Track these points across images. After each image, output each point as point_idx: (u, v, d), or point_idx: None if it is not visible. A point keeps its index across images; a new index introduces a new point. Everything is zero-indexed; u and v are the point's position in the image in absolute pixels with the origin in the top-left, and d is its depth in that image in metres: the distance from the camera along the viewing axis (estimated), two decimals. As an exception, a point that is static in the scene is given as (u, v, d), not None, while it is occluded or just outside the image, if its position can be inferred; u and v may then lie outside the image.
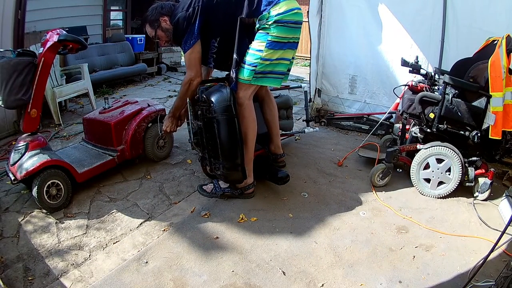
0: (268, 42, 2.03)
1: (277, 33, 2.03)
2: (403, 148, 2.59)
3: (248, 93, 2.18)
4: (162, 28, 2.22)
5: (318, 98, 4.15)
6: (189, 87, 2.18)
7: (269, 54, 2.05)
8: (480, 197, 2.41)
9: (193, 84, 2.17)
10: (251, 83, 2.13)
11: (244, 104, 2.17)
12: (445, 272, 1.76)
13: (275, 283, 1.68)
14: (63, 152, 2.62)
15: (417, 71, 2.71)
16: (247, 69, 2.09)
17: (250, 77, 2.10)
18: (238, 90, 2.15)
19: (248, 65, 2.09)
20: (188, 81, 2.17)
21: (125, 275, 1.70)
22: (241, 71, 2.13)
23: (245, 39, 2.13)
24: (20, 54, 2.10)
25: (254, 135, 2.27)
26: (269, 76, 2.14)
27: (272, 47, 2.04)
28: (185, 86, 2.19)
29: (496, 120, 2.15)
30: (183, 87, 2.22)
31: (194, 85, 2.18)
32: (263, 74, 2.11)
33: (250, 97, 2.20)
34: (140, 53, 6.52)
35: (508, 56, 2.15)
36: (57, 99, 3.80)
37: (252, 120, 2.23)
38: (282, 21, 2.01)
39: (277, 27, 2.02)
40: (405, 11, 3.38)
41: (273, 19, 2.00)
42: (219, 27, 2.14)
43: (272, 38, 2.03)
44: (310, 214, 2.23)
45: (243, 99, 2.16)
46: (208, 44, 2.17)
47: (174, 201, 2.35)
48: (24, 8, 3.40)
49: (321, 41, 3.97)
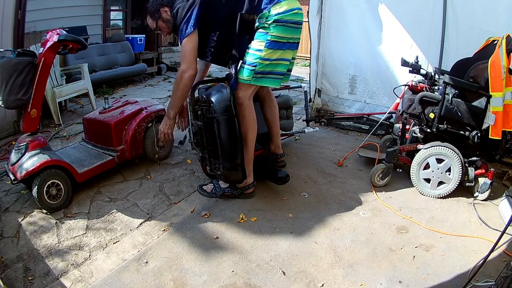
0: (267, 41, 2.03)
1: (276, 33, 2.02)
2: (403, 148, 2.59)
3: (248, 93, 2.18)
4: (163, 19, 2.20)
5: (318, 98, 4.15)
6: (181, 81, 2.08)
7: (268, 53, 2.05)
8: (480, 197, 2.41)
9: (185, 77, 2.07)
10: (251, 83, 2.12)
11: (244, 104, 2.16)
12: (445, 272, 1.76)
13: (275, 283, 1.68)
14: (63, 152, 2.62)
15: (417, 71, 2.71)
16: (247, 69, 2.09)
17: (250, 77, 2.09)
18: (238, 90, 2.15)
19: (248, 65, 2.09)
20: (180, 74, 2.08)
21: (125, 275, 1.70)
22: (241, 71, 2.13)
23: (245, 36, 2.12)
24: (20, 54, 2.10)
25: (254, 135, 2.27)
26: (269, 77, 2.14)
27: (271, 46, 2.04)
28: (177, 80, 2.11)
29: (496, 120, 2.15)
30: (175, 82, 2.14)
31: (186, 78, 2.07)
32: (262, 74, 2.11)
33: (250, 97, 2.20)
34: (140, 53, 6.52)
35: (508, 56, 2.15)
36: (57, 99, 3.80)
37: (252, 120, 2.23)
38: (282, 21, 2.01)
39: (276, 27, 2.01)
40: (405, 11, 3.38)
41: (273, 19, 2.00)
42: (219, 21, 2.12)
43: (271, 38, 2.03)
44: (310, 214, 2.23)
45: (243, 99, 2.16)
46: (207, 38, 2.14)
47: (174, 201, 2.35)
48: (24, 8, 3.40)
49: (321, 41, 3.97)
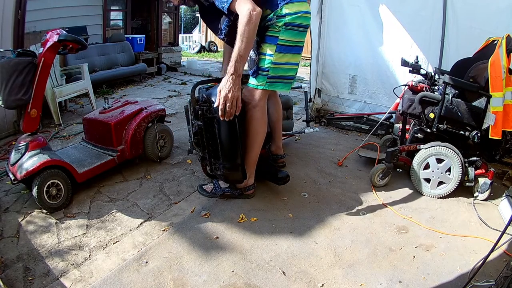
0: (278, 46, 2.02)
1: (286, 37, 2.01)
2: (403, 148, 2.59)
3: (263, 95, 2.13)
4: None
5: (318, 98, 4.15)
6: (251, 20, 1.78)
7: (278, 57, 2.04)
8: (480, 197, 2.41)
9: (254, 14, 1.78)
10: (265, 88, 2.09)
11: (259, 106, 2.12)
12: (445, 272, 1.76)
13: (275, 283, 1.68)
14: (63, 152, 2.62)
15: (417, 71, 2.71)
16: (260, 74, 2.07)
17: (264, 82, 2.07)
18: (252, 94, 2.11)
19: (261, 70, 2.07)
20: (248, 13, 1.77)
21: (125, 275, 1.70)
22: (253, 78, 2.10)
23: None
24: (20, 54, 2.10)
25: (263, 138, 2.23)
26: (281, 81, 2.12)
27: (281, 50, 2.03)
28: (246, 21, 1.78)
29: (496, 120, 2.15)
30: (243, 24, 1.79)
31: (255, 15, 1.79)
32: (276, 79, 2.09)
33: (264, 99, 2.16)
34: (140, 53, 6.54)
35: (508, 56, 2.15)
36: (57, 99, 3.80)
37: (264, 122, 2.19)
38: (292, 25, 1.99)
39: (286, 31, 2.00)
40: (405, 11, 3.38)
41: (283, 21, 1.98)
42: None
43: (281, 42, 2.02)
44: (310, 214, 2.23)
45: (258, 100, 2.11)
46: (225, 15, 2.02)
47: (174, 201, 2.35)
48: (24, 8, 3.40)
49: (321, 41, 3.98)
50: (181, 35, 12.73)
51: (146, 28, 7.36)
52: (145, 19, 7.37)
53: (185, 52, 12.42)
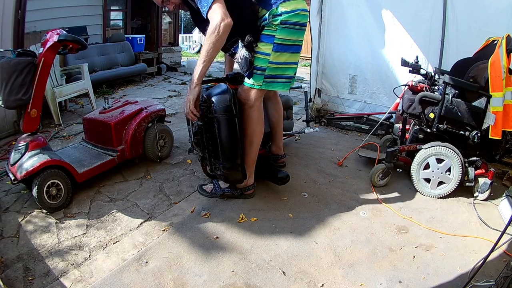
0: (274, 45, 2.02)
1: (283, 36, 2.01)
2: (403, 148, 2.59)
3: (258, 96, 2.14)
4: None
5: (318, 98, 4.15)
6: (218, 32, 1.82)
7: (276, 57, 2.04)
8: (480, 197, 2.41)
9: (222, 26, 1.81)
10: (262, 88, 2.09)
11: (255, 106, 2.13)
12: (445, 272, 1.76)
13: (275, 283, 1.68)
14: (63, 152, 2.62)
15: (417, 71, 2.71)
16: (256, 74, 2.07)
17: (261, 82, 2.07)
18: (247, 94, 2.12)
19: (257, 70, 2.07)
20: (215, 25, 1.80)
21: (125, 275, 1.70)
22: (249, 77, 2.09)
23: (251, 27, 2.07)
24: (20, 54, 2.10)
25: (261, 138, 2.24)
26: (279, 81, 2.12)
27: (278, 49, 2.03)
28: (212, 32, 1.82)
29: (496, 120, 2.15)
30: (209, 36, 1.83)
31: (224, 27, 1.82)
32: (272, 78, 2.09)
33: (260, 99, 2.16)
34: (140, 53, 6.53)
35: (508, 56, 2.15)
36: (57, 99, 3.80)
37: (261, 122, 2.19)
38: (288, 23, 1.99)
39: (283, 30, 2.00)
40: (405, 11, 3.39)
41: (279, 20, 1.98)
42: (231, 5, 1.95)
43: (278, 41, 2.01)
44: (310, 214, 2.23)
45: (254, 101, 2.12)
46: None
47: (174, 201, 2.35)
48: (24, 8, 3.40)
49: (321, 41, 3.98)
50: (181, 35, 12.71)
51: (146, 28, 7.36)
52: (145, 19, 7.36)
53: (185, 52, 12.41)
